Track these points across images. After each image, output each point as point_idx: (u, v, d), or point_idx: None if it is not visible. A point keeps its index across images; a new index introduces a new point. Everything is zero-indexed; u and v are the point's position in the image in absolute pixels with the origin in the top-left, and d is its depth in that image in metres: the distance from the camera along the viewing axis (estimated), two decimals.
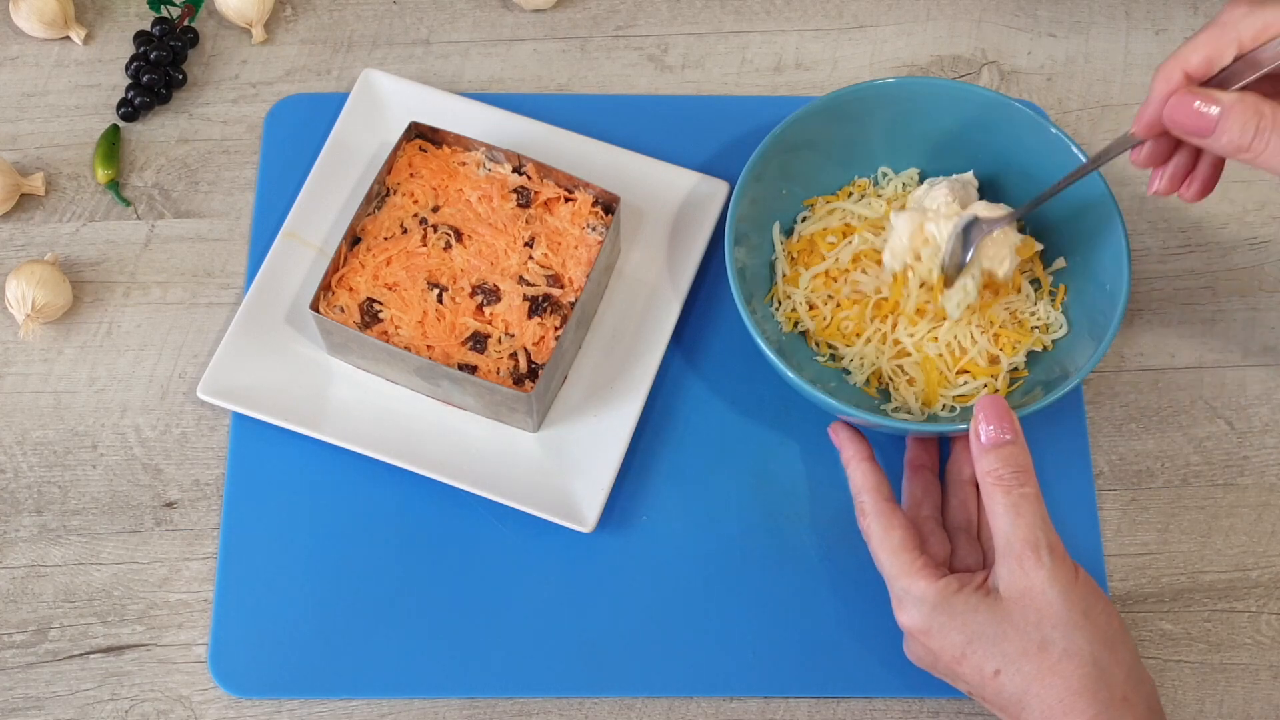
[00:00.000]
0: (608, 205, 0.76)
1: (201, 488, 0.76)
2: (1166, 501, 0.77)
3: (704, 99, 0.87)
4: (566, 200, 0.77)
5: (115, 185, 0.83)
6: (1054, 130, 0.76)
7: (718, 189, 0.81)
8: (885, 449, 0.76)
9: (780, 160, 0.77)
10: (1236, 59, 0.60)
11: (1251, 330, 0.81)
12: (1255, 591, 0.76)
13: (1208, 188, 0.67)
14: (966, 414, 0.74)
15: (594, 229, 0.76)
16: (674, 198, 0.81)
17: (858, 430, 0.74)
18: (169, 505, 0.76)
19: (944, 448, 0.77)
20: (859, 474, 0.71)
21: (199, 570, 0.75)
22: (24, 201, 0.83)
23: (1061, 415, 0.78)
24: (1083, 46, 0.89)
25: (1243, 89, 0.60)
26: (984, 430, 0.64)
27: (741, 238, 0.75)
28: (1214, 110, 0.59)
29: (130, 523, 0.76)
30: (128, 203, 0.83)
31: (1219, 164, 0.67)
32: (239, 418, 0.77)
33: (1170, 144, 0.67)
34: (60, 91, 0.86)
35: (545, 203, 0.77)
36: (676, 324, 0.78)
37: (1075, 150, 0.75)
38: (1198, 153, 0.67)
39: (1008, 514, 0.63)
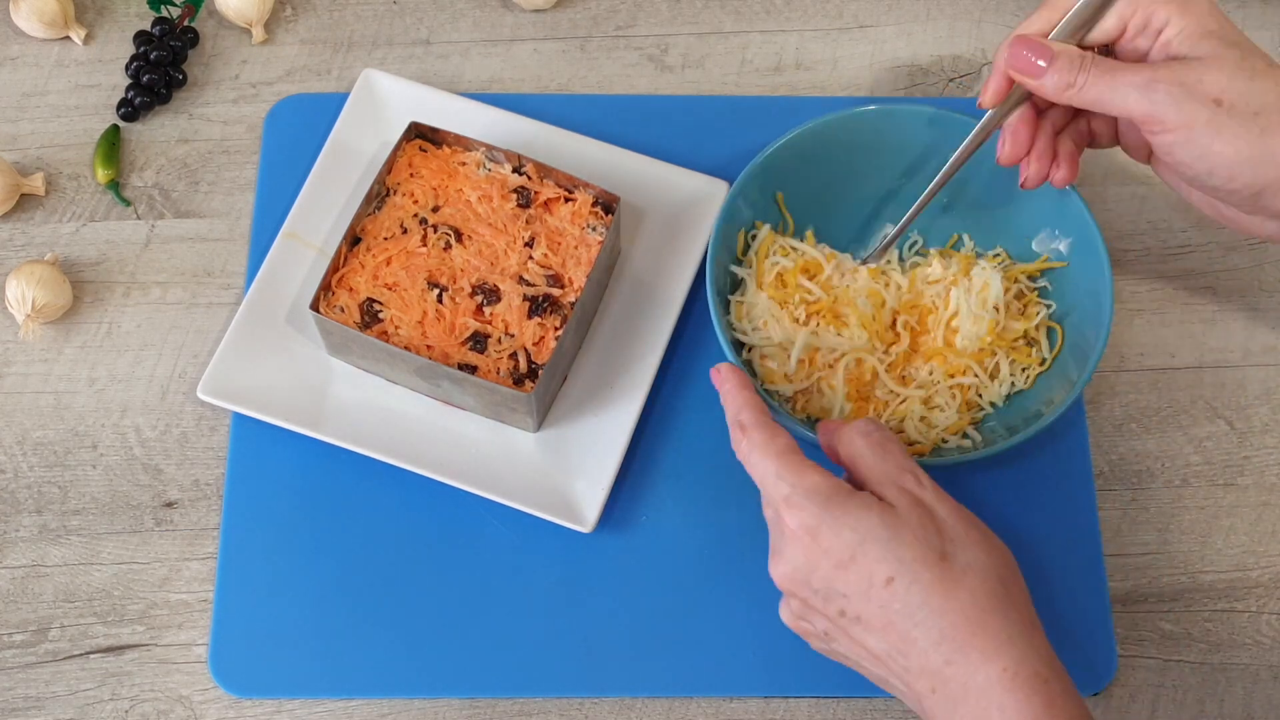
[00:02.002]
0: (608, 205, 0.76)
1: (201, 488, 0.76)
2: (1166, 502, 0.77)
3: (704, 99, 0.87)
4: (566, 200, 0.77)
5: (115, 185, 0.83)
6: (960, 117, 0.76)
7: (718, 189, 0.81)
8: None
9: (754, 198, 0.77)
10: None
11: (1251, 330, 0.81)
12: (1255, 591, 0.76)
13: (1073, 167, 0.72)
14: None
15: (594, 229, 0.76)
16: (674, 198, 0.81)
17: (741, 371, 0.68)
18: (169, 505, 0.76)
19: None
20: (738, 398, 0.66)
21: (199, 570, 0.75)
22: (24, 201, 0.83)
23: (1061, 415, 0.78)
24: None
25: None
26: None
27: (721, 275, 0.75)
28: (1047, 52, 0.67)
29: (130, 523, 0.76)
30: (128, 203, 0.83)
31: (1077, 147, 0.73)
32: (239, 418, 0.77)
33: (1027, 134, 0.71)
34: (60, 91, 0.86)
35: (545, 203, 0.77)
36: (676, 324, 0.78)
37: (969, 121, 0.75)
38: (1053, 138, 0.72)
39: (875, 453, 0.62)
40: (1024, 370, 0.76)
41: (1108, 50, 0.69)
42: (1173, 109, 0.64)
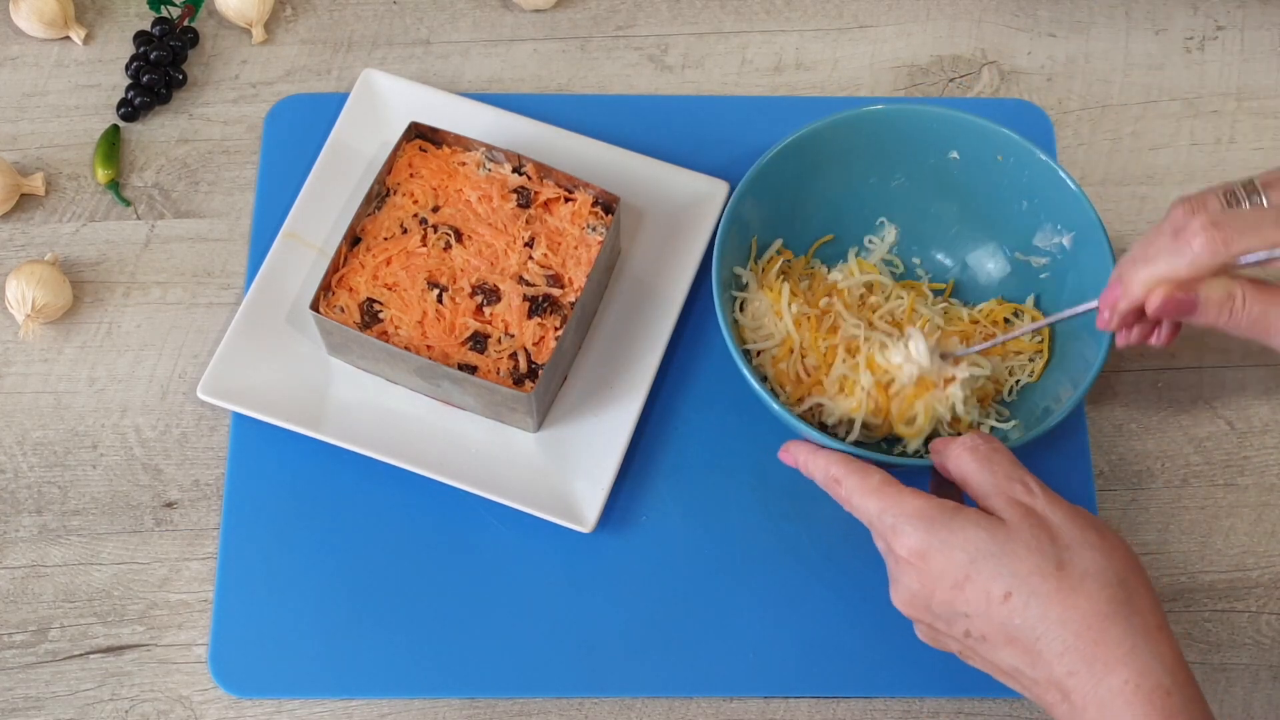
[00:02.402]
0: (608, 205, 0.76)
1: (201, 488, 0.76)
2: (1166, 501, 0.77)
3: (704, 99, 0.87)
4: (566, 200, 0.77)
5: (115, 185, 0.83)
6: (1043, 158, 0.75)
7: (718, 189, 0.81)
8: None
9: (759, 201, 0.76)
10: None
11: None
12: (1255, 591, 0.76)
13: (1172, 338, 0.68)
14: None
15: (594, 229, 0.76)
16: (674, 198, 0.81)
17: (805, 440, 0.70)
18: (169, 505, 0.76)
19: None
20: (820, 459, 0.67)
21: (199, 570, 0.75)
22: (24, 201, 0.83)
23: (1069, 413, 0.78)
24: (1083, 46, 0.89)
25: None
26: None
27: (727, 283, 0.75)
28: (1196, 301, 0.62)
29: (130, 523, 0.76)
30: (128, 203, 0.83)
31: (1177, 323, 0.69)
32: (239, 418, 0.77)
33: (1134, 314, 0.67)
34: (60, 91, 0.86)
35: (545, 203, 0.77)
36: (676, 324, 0.78)
37: (1066, 180, 0.74)
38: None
39: (983, 468, 0.62)
40: (1029, 363, 0.76)
41: None
42: None
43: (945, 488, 0.68)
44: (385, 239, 0.75)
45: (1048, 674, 0.58)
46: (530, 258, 0.75)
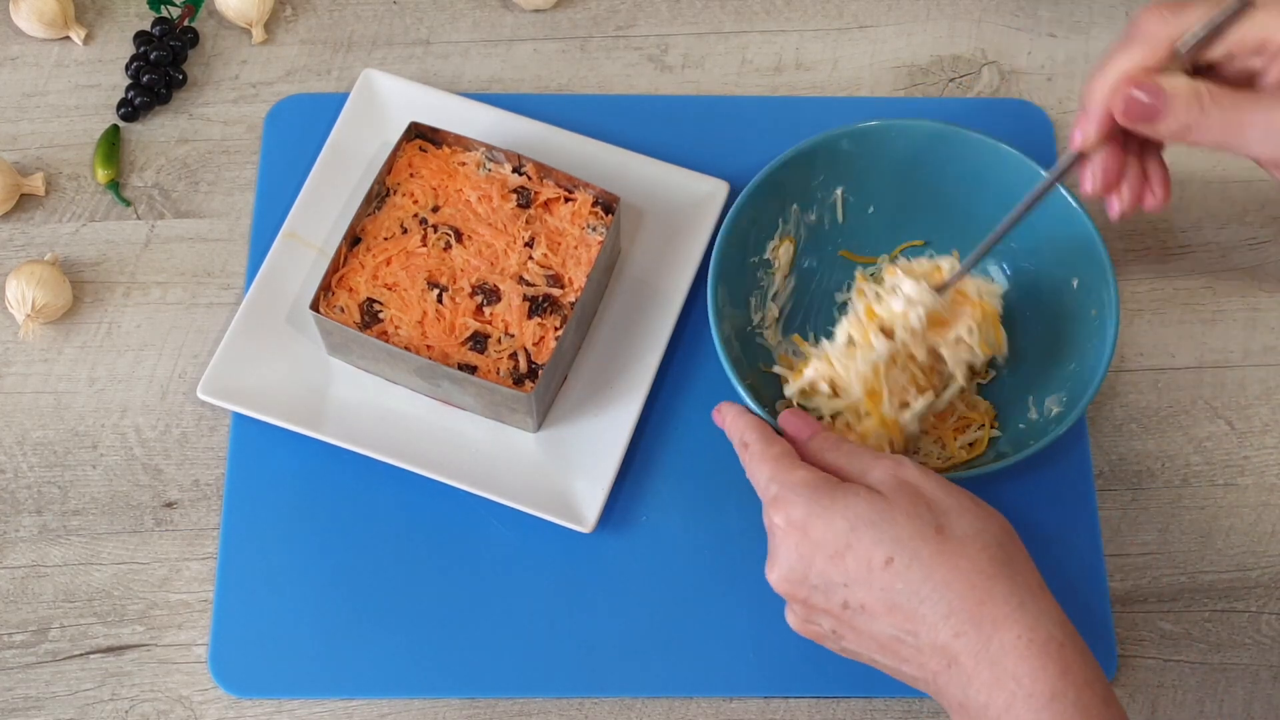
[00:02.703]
0: (608, 205, 0.76)
1: (201, 488, 0.76)
2: (1166, 501, 0.77)
3: (704, 99, 0.87)
4: (566, 200, 0.77)
5: (115, 185, 0.83)
6: (1008, 150, 0.75)
7: (718, 189, 0.81)
8: None
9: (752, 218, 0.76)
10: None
11: (1251, 330, 0.81)
12: (1255, 591, 0.76)
13: (1167, 190, 0.67)
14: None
15: (594, 229, 0.76)
16: (674, 198, 0.81)
17: (738, 404, 0.70)
18: (169, 505, 0.76)
19: None
20: (741, 422, 0.66)
21: (199, 570, 0.75)
22: (24, 201, 0.83)
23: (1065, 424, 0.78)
24: (1083, 46, 0.89)
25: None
26: (795, 431, 0.66)
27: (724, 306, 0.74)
28: (1161, 95, 0.61)
29: (130, 523, 0.76)
30: (128, 203, 0.83)
31: (1165, 167, 0.68)
32: (239, 418, 0.77)
33: (1116, 162, 0.66)
34: (60, 91, 0.86)
35: (545, 203, 0.77)
36: (676, 324, 0.78)
37: (1034, 166, 0.74)
38: (1141, 163, 0.67)
39: (849, 457, 0.63)
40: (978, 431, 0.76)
41: (1210, 68, 0.64)
42: None
43: None
44: (385, 239, 0.75)
45: (931, 639, 0.57)
46: (530, 258, 0.75)
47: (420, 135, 0.78)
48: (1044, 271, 0.77)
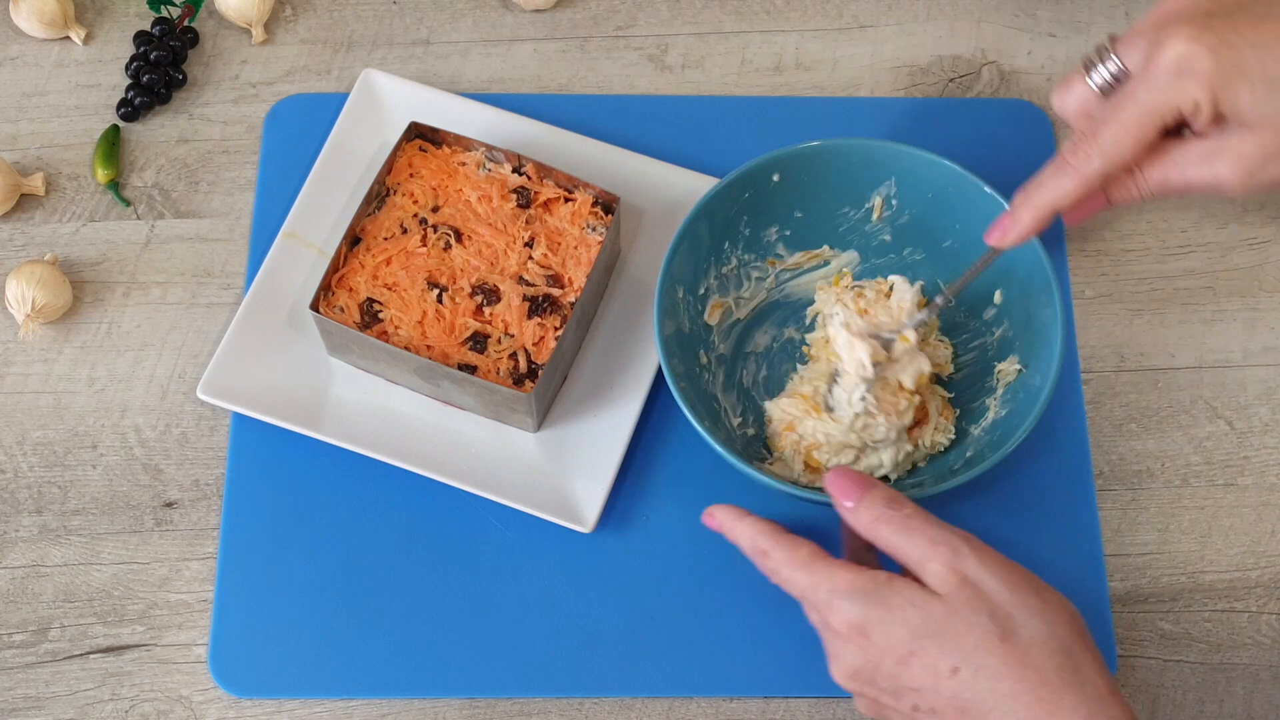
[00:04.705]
0: (608, 205, 0.76)
1: (201, 488, 0.76)
2: (1166, 501, 0.77)
3: (704, 99, 0.87)
4: (566, 200, 0.77)
5: (115, 185, 0.83)
6: (988, 190, 0.74)
7: None
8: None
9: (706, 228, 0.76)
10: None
11: (1251, 330, 0.81)
12: (1255, 591, 0.76)
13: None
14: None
15: (594, 229, 0.76)
16: (674, 198, 0.81)
17: (731, 505, 0.68)
18: (169, 505, 0.76)
19: None
20: (746, 528, 0.65)
21: (199, 570, 0.75)
22: (24, 201, 0.83)
23: (1061, 415, 0.78)
24: (1083, 46, 0.89)
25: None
26: (842, 495, 0.63)
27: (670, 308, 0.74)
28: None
29: (130, 523, 0.76)
30: (128, 203, 0.83)
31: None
32: (239, 418, 0.77)
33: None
34: (60, 91, 0.86)
35: (545, 203, 0.77)
36: None
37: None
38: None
39: (903, 536, 0.60)
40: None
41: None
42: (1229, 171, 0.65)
43: (858, 538, 0.66)
44: (385, 239, 0.75)
45: None
46: (530, 258, 0.75)
47: (420, 135, 0.78)
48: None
